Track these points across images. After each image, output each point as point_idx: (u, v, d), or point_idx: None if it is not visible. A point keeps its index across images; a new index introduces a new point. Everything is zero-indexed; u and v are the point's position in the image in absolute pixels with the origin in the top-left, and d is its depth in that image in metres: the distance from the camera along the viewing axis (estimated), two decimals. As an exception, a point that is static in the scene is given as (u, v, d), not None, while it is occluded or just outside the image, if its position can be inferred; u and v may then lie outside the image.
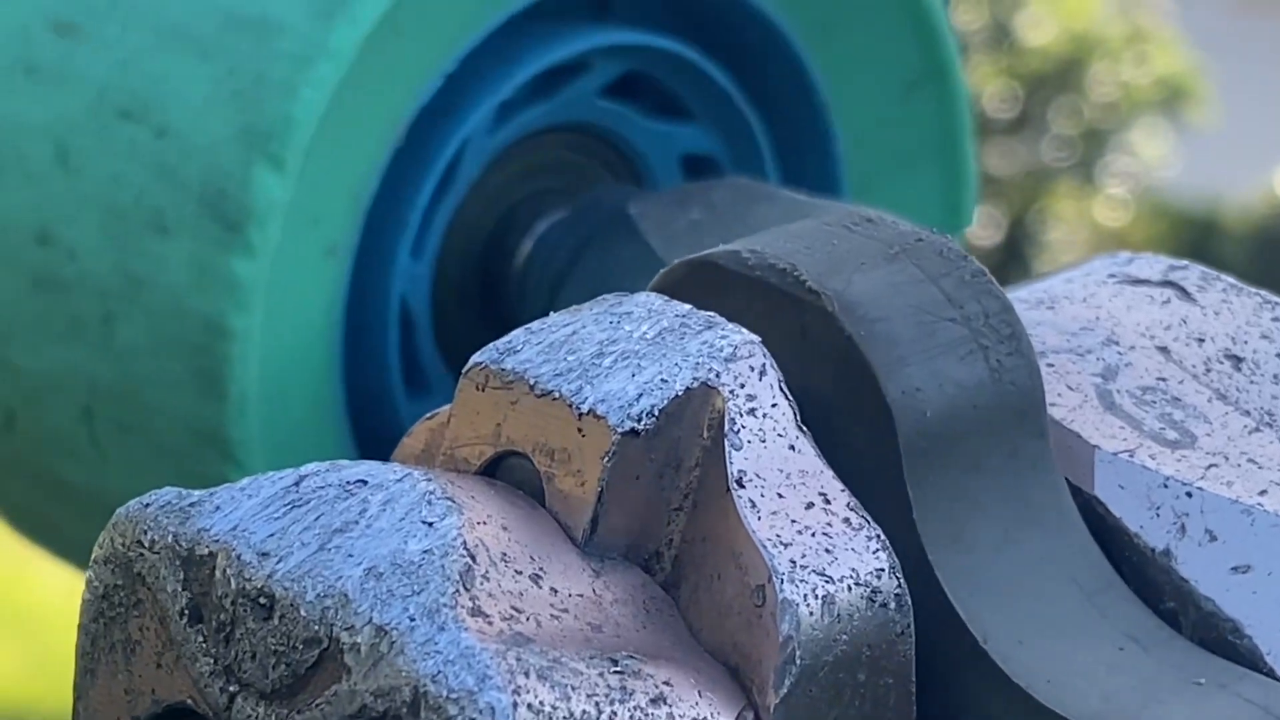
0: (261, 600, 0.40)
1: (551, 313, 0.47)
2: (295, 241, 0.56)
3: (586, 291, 0.53)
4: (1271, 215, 8.89)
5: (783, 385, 0.44)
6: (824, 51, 0.63)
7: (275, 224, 0.55)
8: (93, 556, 0.44)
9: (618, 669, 0.40)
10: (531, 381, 0.44)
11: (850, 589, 0.42)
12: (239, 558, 0.41)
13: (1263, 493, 0.46)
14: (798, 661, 0.41)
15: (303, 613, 0.40)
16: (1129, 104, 14.10)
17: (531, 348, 0.45)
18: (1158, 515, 0.45)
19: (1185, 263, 0.53)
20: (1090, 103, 13.79)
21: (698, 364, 0.43)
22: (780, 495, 0.42)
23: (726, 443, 0.43)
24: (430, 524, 0.40)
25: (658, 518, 0.43)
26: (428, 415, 0.47)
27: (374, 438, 0.59)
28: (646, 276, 0.51)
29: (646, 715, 0.39)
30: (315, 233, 0.56)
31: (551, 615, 0.40)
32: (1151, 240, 11.08)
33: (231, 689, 0.40)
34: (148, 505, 0.43)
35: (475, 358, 0.45)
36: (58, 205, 0.58)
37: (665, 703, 0.39)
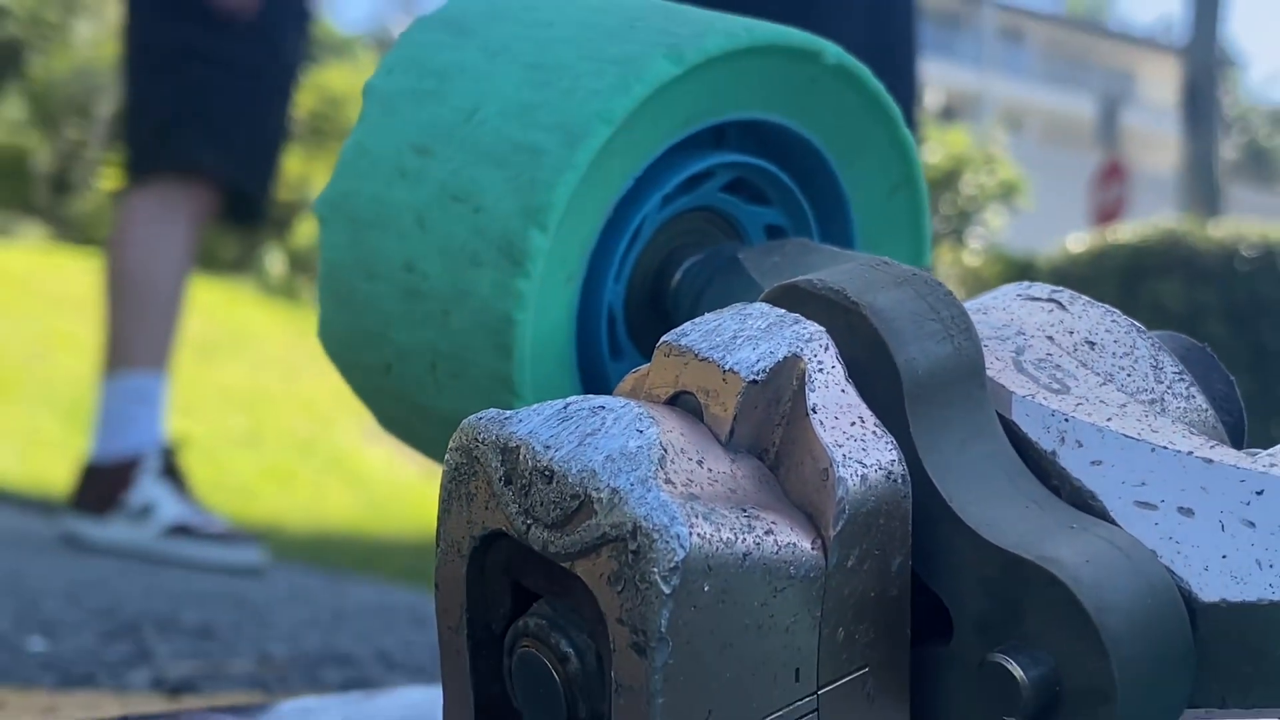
0: (546, 473, 0.41)
1: (702, 315, 0.48)
2: (551, 272, 0.56)
3: (715, 304, 0.53)
4: (1065, 262, 8.82)
5: (838, 356, 0.44)
6: (847, 167, 0.63)
7: (540, 262, 0.55)
8: (449, 446, 0.44)
9: (746, 514, 0.40)
10: (696, 352, 0.44)
11: (876, 471, 0.42)
12: (533, 448, 0.41)
13: (1109, 420, 0.46)
14: (846, 511, 0.41)
15: (570, 480, 0.40)
16: (983, 197, 14.45)
17: (695, 333, 0.45)
18: (1048, 432, 0.46)
19: (1061, 288, 0.53)
20: (961, 196, 14.08)
21: (790, 343, 0.44)
22: (836, 418, 0.43)
23: (806, 388, 0.43)
24: (641, 431, 0.41)
25: (767, 430, 0.43)
26: (634, 370, 0.47)
27: (591, 382, 0.60)
28: (750, 295, 0.52)
29: (762, 539, 0.39)
30: (562, 268, 0.57)
31: (709, 483, 0.41)
32: (994, 276, 11.31)
33: (528, 521, 0.41)
34: (481, 418, 0.43)
35: (664, 338, 0.46)
36: (416, 249, 0.58)
37: (773, 533, 0.40)
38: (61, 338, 8.00)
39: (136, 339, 2.79)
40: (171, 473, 2.82)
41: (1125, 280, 7.90)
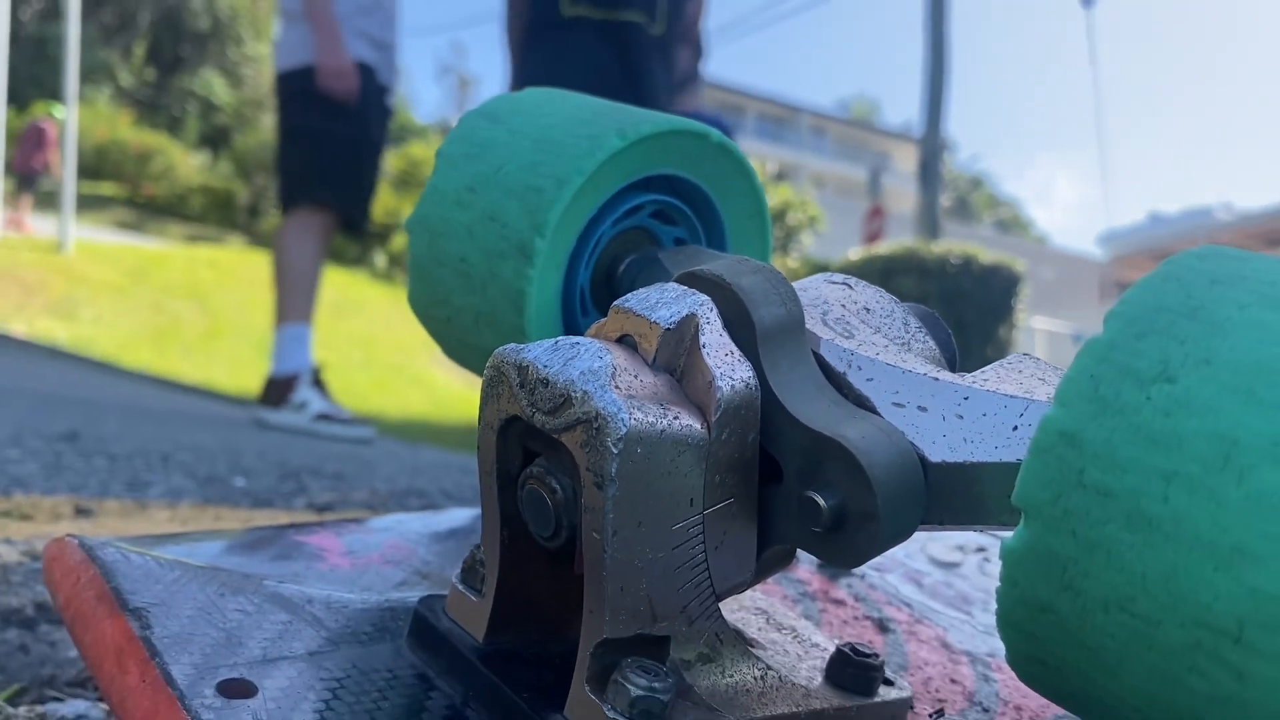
0: (544, 381, 0.40)
1: (636, 290, 0.47)
2: (547, 264, 0.55)
3: (645, 284, 0.52)
4: (847, 266, 8.69)
5: (719, 315, 0.43)
6: (722, 203, 0.62)
7: (541, 258, 0.54)
8: (486, 366, 0.44)
9: (663, 407, 0.40)
10: (634, 311, 0.43)
11: (740, 383, 0.42)
12: (536, 366, 0.41)
13: (877, 354, 0.46)
14: (722, 406, 0.41)
15: (559, 385, 0.39)
16: (799, 226, 14.27)
17: (634, 300, 0.44)
18: (841, 361, 0.45)
19: (850, 276, 0.53)
20: (786, 226, 13.96)
21: (690, 307, 0.43)
22: (716, 351, 0.42)
23: (699, 333, 0.42)
24: (601, 357, 0.40)
25: (676, 357, 0.43)
26: (596, 323, 0.47)
27: (570, 331, 0.59)
28: (665, 278, 0.50)
29: (672, 422, 0.39)
30: (554, 261, 0.55)
31: (641, 389, 0.40)
32: (805, 274, 11.24)
33: (533, 410, 0.40)
34: (506, 349, 0.42)
35: (615, 303, 0.45)
36: (467, 249, 0.57)
37: (679, 418, 0.39)
38: (253, 303, 8.00)
39: (292, 304, 2.86)
40: (318, 383, 2.93)
41: (882, 276, 7.94)
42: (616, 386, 0.40)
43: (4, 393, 2.57)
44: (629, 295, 0.46)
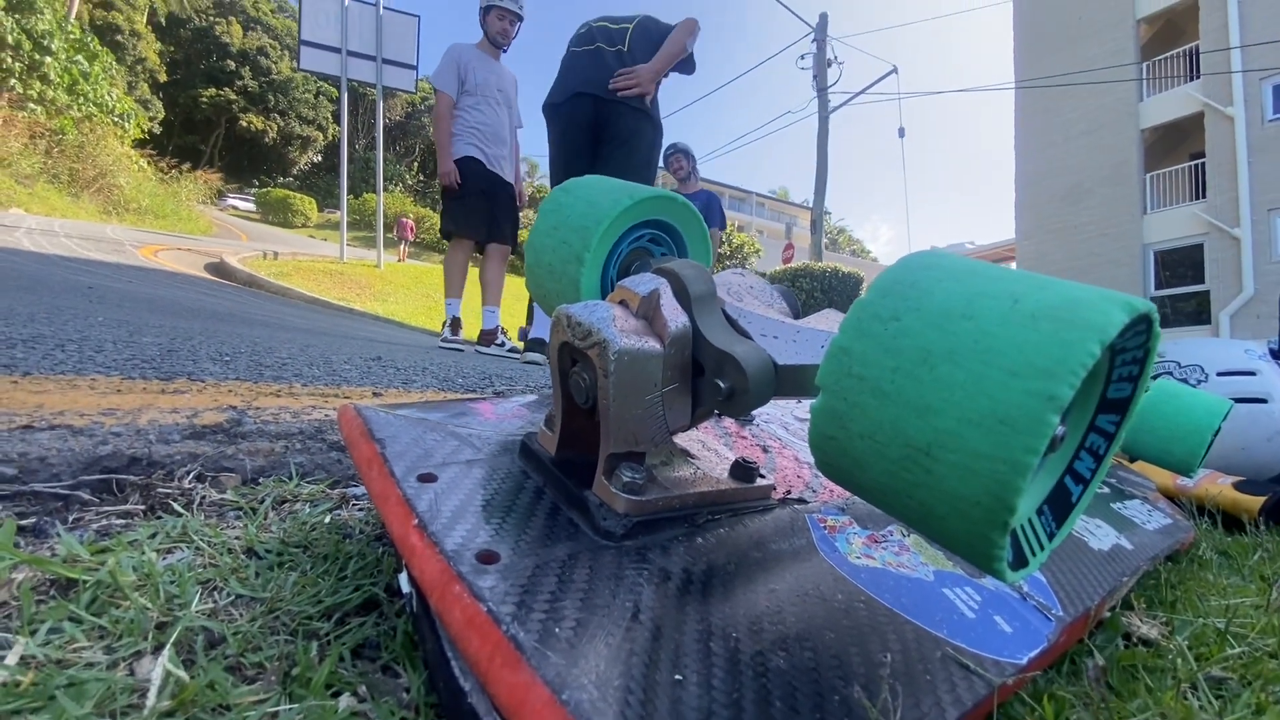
0: (580, 324, 0.39)
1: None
2: (592, 267, 0.53)
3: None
4: (773, 275, 8.38)
5: (671, 288, 0.42)
6: (685, 234, 0.59)
7: (588, 264, 0.52)
8: (553, 317, 0.43)
9: (640, 336, 0.38)
10: (627, 286, 0.42)
11: (681, 324, 0.39)
12: (575, 315, 0.39)
13: (755, 309, 0.44)
14: (671, 335, 0.39)
15: (585, 325, 0.38)
16: (748, 254, 13.12)
17: (628, 281, 0.42)
18: (734, 312, 0.43)
19: (744, 268, 0.50)
20: (742, 255, 12.91)
21: (655, 283, 0.41)
22: (669, 307, 0.40)
23: (660, 299, 0.41)
24: (608, 310, 0.39)
25: (648, 311, 0.41)
26: (611, 294, 0.45)
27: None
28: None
29: (644, 345, 0.38)
30: (595, 266, 0.53)
31: (628, 327, 0.39)
32: None
33: (574, 338, 0.39)
34: (561, 306, 0.41)
35: (618, 283, 0.43)
36: (550, 259, 0.54)
37: (649, 343, 0.38)
38: (476, 296, 7.94)
39: (491, 295, 2.82)
40: (504, 333, 2.87)
41: (792, 280, 7.73)
42: (615, 326, 0.39)
43: (347, 338, 2.61)
44: (626, 279, 0.44)
